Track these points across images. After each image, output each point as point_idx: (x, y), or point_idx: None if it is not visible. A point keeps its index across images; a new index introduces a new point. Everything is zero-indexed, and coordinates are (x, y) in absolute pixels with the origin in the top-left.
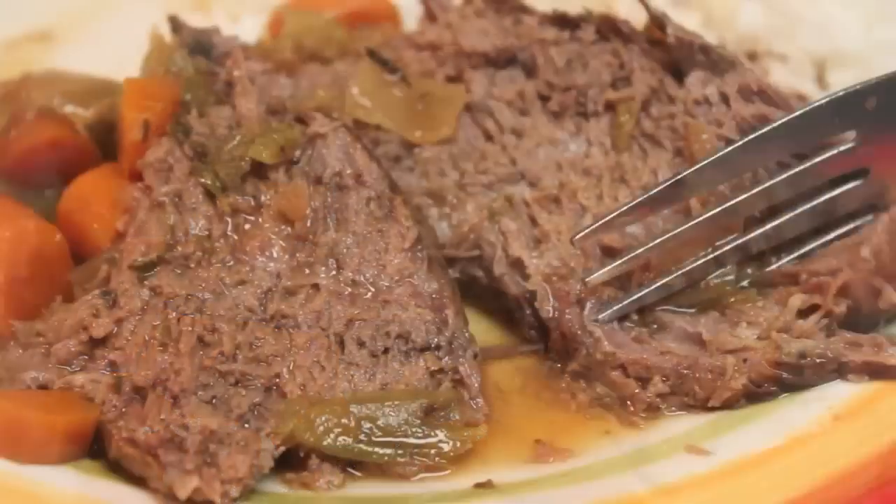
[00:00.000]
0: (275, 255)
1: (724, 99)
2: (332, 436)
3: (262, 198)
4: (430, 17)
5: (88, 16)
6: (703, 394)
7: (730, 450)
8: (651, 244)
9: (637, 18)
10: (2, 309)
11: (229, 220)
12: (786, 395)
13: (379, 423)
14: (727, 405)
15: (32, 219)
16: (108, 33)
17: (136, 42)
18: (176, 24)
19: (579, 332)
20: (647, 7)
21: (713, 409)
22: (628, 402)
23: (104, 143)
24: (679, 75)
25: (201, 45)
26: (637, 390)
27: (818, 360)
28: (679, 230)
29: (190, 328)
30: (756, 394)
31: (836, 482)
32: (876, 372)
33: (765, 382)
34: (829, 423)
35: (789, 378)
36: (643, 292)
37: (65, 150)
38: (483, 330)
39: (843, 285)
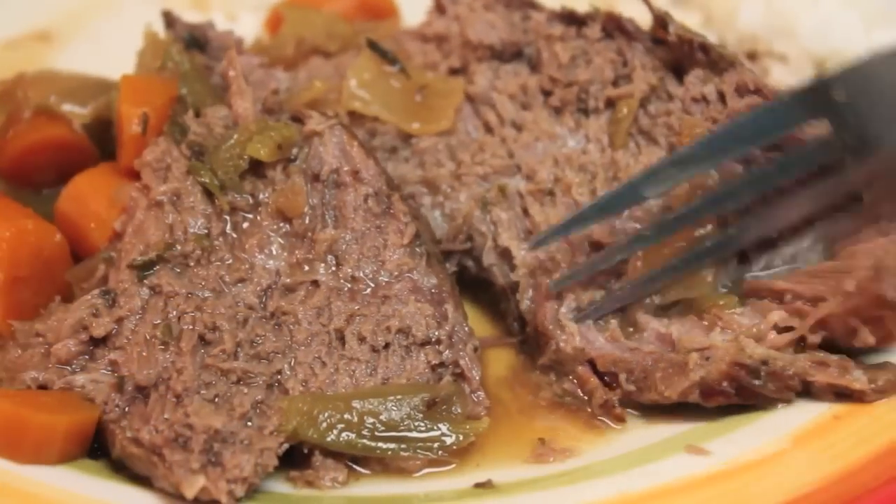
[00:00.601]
0: (274, 252)
1: (721, 97)
2: (335, 432)
3: (261, 196)
4: (439, 9)
5: (87, 15)
6: (663, 386)
7: (730, 450)
8: (618, 246)
9: (642, 18)
10: (1, 309)
11: (228, 218)
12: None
13: (381, 417)
14: (682, 398)
15: (32, 219)
16: (107, 33)
17: (135, 41)
18: (170, 20)
19: (551, 327)
20: (649, 6)
21: (671, 411)
22: (586, 400)
23: (101, 141)
24: (680, 74)
25: (196, 40)
26: (597, 388)
27: (779, 371)
28: (646, 233)
29: (191, 326)
30: (711, 390)
31: (836, 482)
32: (841, 395)
33: (723, 380)
34: (829, 423)
35: (747, 381)
36: (619, 293)
37: (62, 149)
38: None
39: (823, 319)
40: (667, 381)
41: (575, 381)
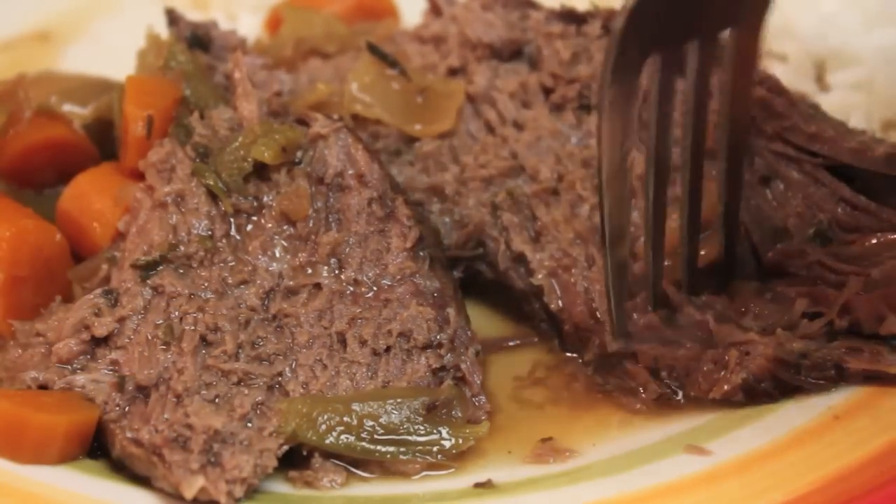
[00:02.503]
0: (277, 254)
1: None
2: (334, 434)
3: (265, 198)
4: (434, 11)
5: (87, 15)
6: (706, 385)
7: (730, 450)
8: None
9: None
10: (2, 309)
11: (231, 220)
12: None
13: (381, 420)
14: (726, 398)
15: (32, 219)
16: (107, 33)
17: (136, 41)
18: (173, 17)
19: (592, 322)
20: None
21: (714, 403)
22: (640, 391)
23: (102, 141)
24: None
25: (199, 39)
26: (650, 383)
27: (818, 362)
28: None
29: (192, 327)
30: (754, 391)
31: (836, 482)
32: (873, 379)
33: (764, 379)
34: (829, 423)
35: (787, 377)
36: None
37: (63, 149)
38: (497, 325)
39: (847, 303)
40: (709, 380)
41: (625, 375)
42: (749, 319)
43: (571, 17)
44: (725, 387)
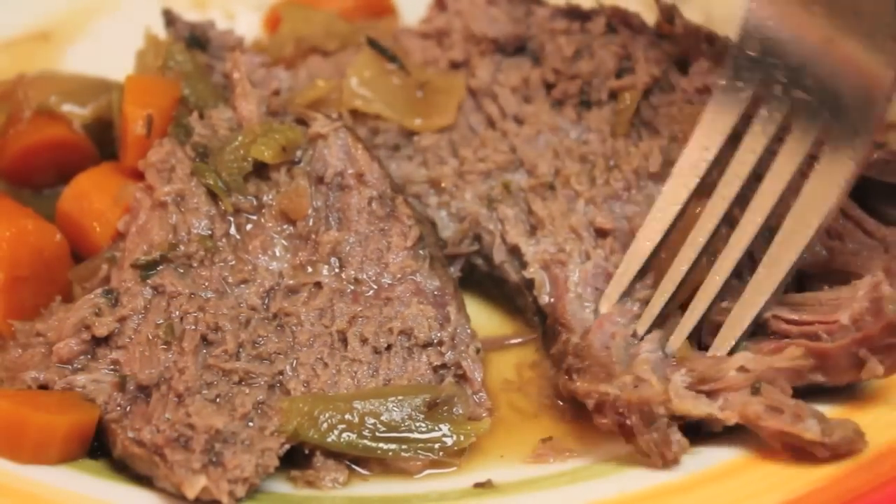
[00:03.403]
0: (277, 254)
1: None
2: (335, 432)
3: (264, 198)
4: (439, 5)
5: (87, 15)
6: (581, 383)
7: (730, 450)
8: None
9: (644, 17)
10: (2, 309)
11: (231, 219)
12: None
13: (382, 418)
14: (584, 398)
15: (32, 219)
16: (107, 33)
17: (136, 42)
18: (170, 18)
19: (571, 320)
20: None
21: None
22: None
23: (101, 141)
24: (685, 67)
25: (197, 39)
26: (560, 363)
27: (668, 438)
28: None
29: (193, 327)
30: (602, 408)
31: (836, 482)
32: (790, 447)
33: (620, 409)
34: None
35: (637, 425)
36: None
37: (62, 150)
38: (496, 322)
39: (822, 352)
40: (590, 378)
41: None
42: (679, 375)
43: (576, 14)
44: (593, 388)
